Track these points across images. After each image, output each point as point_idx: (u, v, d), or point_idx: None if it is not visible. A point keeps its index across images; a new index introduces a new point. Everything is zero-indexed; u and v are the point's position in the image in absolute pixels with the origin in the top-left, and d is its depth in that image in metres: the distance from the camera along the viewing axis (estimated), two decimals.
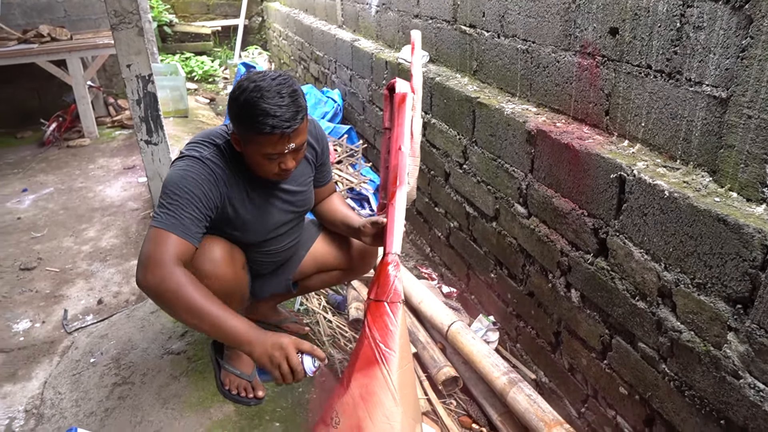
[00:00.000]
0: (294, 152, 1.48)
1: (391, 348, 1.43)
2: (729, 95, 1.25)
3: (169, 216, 1.40)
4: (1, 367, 2.11)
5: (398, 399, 1.39)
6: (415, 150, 1.72)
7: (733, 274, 1.19)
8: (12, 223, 3.29)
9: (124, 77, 2.03)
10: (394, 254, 1.59)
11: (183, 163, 1.49)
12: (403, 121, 1.70)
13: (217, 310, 1.36)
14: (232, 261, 1.61)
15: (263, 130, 1.37)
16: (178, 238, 1.39)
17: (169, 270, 1.34)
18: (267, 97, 1.37)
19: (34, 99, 5.18)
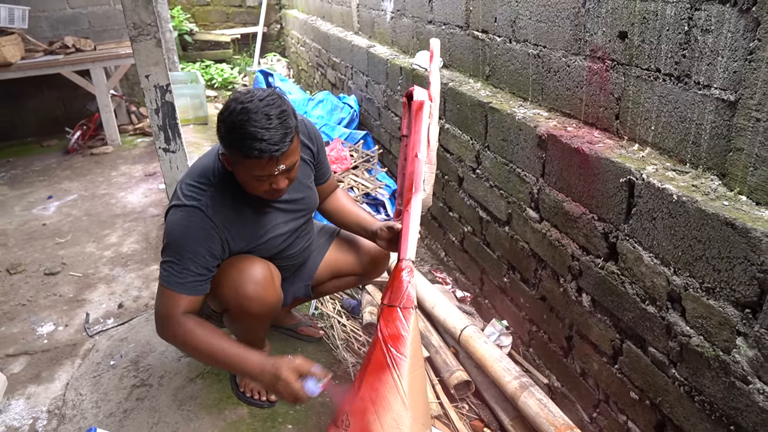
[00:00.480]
0: (285, 173, 1.45)
1: (402, 353, 1.45)
2: (737, 98, 1.24)
3: (174, 275, 1.48)
4: (26, 369, 2.17)
5: (408, 403, 1.40)
6: (432, 158, 1.74)
7: (742, 279, 1.19)
8: (38, 229, 3.38)
9: (142, 87, 2.09)
10: (408, 260, 1.61)
11: (182, 215, 1.49)
12: (420, 128, 1.71)
13: (226, 353, 1.48)
14: (273, 281, 1.63)
15: (251, 154, 1.34)
16: (183, 296, 1.49)
17: (177, 325, 1.48)
18: (254, 120, 1.33)
19: (60, 108, 5.32)
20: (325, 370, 1.49)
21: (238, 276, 1.54)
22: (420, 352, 1.55)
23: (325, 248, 1.93)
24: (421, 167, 1.71)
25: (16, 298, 2.65)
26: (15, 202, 3.83)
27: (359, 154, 3.61)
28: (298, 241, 1.75)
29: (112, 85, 4.81)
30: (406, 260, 1.61)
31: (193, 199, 1.49)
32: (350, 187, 3.32)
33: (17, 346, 2.31)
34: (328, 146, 3.68)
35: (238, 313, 1.61)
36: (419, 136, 1.72)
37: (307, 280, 1.93)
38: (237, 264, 1.56)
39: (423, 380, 1.52)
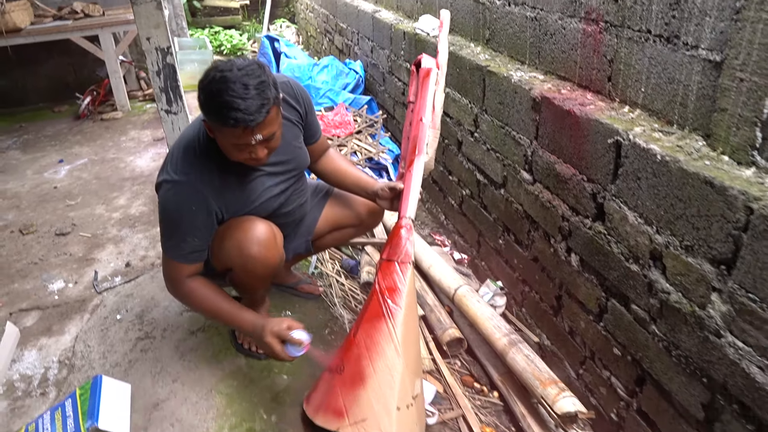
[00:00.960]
0: (263, 142, 1.46)
1: (398, 304, 1.51)
2: (723, 58, 1.25)
3: (173, 248, 1.59)
4: (38, 323, 2.27)
5: (400, 351, 1.47)
6: (436, 123, 1.77)
7: (718, 236, 1.21)
8: (49, 192, 3.47)
9: (144, 50, 2.12)
10: (408, 218, 1.67)
11: (173, 190, 1.53)
12: (426, 94, 1.75)
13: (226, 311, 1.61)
14: (275, 241, 1.69)
15: (227, 123, 1.36)
16: (184, 264, 1.60)
17: (183, 287, 1.62)
18: (232, 89, 1.34)
19: (71, 74, 5.37)
20: (307, 335, 1.55)
21: (242, 237, 1.59)
22: (415, 305, 1.61)
23: (323, 203, 1.99)
24: (426, 131, 1.75)
25: (29, 257, 2.74)
26: (27, 165, 3.91)
27: (363, 119, 3.62)
28: (292, 199, 1.80)
29: (120, 50, 4.84)
30: (406, 218, 1.67)
31: (182, 173, 1.52)
32: (353, 151, 3.35)
33: (30, 301, 2.41)
34: (332, 111, 3.70)
35: (241, 273, 1.67)
36: (425, 101, 1.76)
37: (307, 236, 1.98)
38: (240, 225, 1.61)
39: (416, 332, 1.59)
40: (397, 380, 1.47)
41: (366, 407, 1.44)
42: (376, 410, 1.43)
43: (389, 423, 1.42)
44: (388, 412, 1.43)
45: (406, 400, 1.46)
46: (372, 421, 1.43)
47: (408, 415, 1.46)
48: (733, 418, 1.25)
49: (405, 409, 1.45)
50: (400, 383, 1.47)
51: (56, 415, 1.67)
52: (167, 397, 1.75)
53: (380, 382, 1.46)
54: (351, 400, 1.47)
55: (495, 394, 1.97)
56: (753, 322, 1.15)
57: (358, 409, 1.45)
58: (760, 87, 1.15)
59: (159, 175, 1.58)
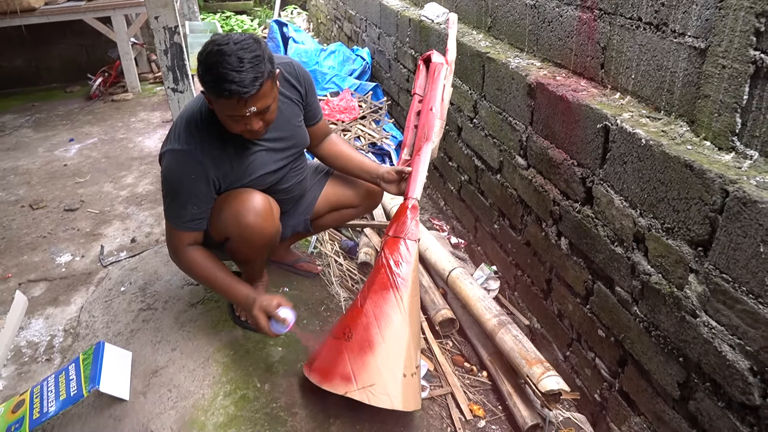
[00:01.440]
0: (258, 115, 1.50)
1: (405, 278, 1.59)
2: (707, 45, 1.28)
3: (174, 214, 1.65)
4: (45, 293, 2.35)
5: (407, 321, 1.54)
6: (443, 114, 1.85)
7: (696, 218, 1.25)
8: (59, 169, 3.54)
9: (152, 28, 2.17)
10: (414, 199, 1.75)
11: (175, 159, 1.59)
12: (436, 86, 1.86)
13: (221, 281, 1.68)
14: (272, 212, 1.74)
15: (222, 94, 1.41)
16: (185, 232, 1.66)
17: (183, 255, 1.69)
18: (227, 62, 1.39)
19: (83, 55, 5.44)
20: (293, 315, 1.62)
21: (240, 206, 1.65)
22: (418, 282, 1.69)
23: (323, 183, 2.04)
24: (434, 120, 1.83)
25: (38, 231, 2.82)
26: (39, 143, 4.00)
27: (368, 104, 3.66)
28: (290, 176, 1.85)
29: (132, 32, 4.90)
30: (412, 199, 1.75)
31: (184, 143, 1.59)
32: (357, 136, 3.40)
33: (38, 273, 2.48)
34: (337, 96, 3.74)
35: (238, 242, 1.73)
36: (435, 93, 1.87)
37: (305, 214, 2.03)
38: (238, 195, 1.67)
39: (419, 307, 1.67)
40: (404, 348, 1.55)
41: (374, 373, 1.51)
42: (384, 375, 1.50)
43: (396, 388, 1.49)
44: (395, 378, 1.50)
45: (410, 369, 1.53)
46: (380, 386, 1.49)
47: (412, 382, 1.53)
48: (706, 396, 1.29)
49: (410, 376, 1.52)
50: (406, 351, 1.54)
51: (60, 378, 1.74)
52: (166, 364, 1.82)
53: (388, 349, 1.53)
54: (359, 366, 1.53)
55: (484, 374, 2.02)
56: (726, 302, 1.19)
57: (366, 374, 1.52)
58: (741, 73, 1.19)
59: (162, 146, 1.65)
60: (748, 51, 1.16)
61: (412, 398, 1.53)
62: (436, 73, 1.90)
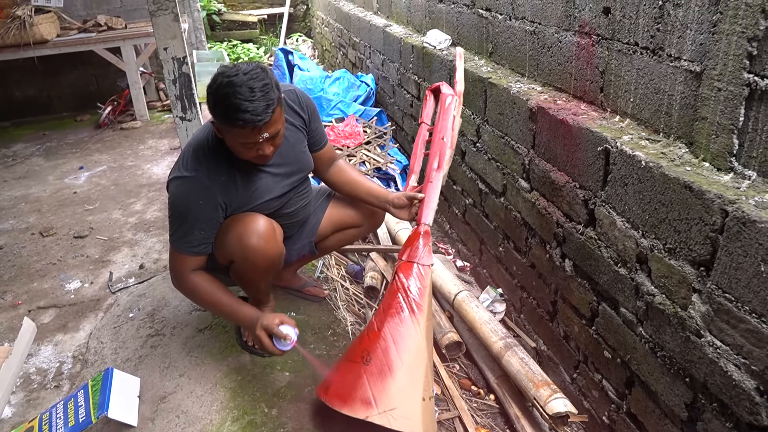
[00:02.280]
0: (269, 140, 1.57)
1: (421, 302, 1.61)
2: (702, 69, 1.31)
3: (180, 239, 1.68)
4: (54, 320, 2.37)
5: (425, 345, 1.56)
6: (453, 143, 1.91)
7: (697, 238, 1.27)
8: (69, 197, 3.60)
9: (161, 59, 2.23)
10: (427, 225, 1.79)
11: (183, 186, 1.65)
12: (447, 117, 1.91)
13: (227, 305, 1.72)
14: (275, 235, 1.78)
15: (236, 123, 1.47)
16: (190, 257, 1.69)
17: (185, 280, 1.72)
18: (238, 93, 1.44)
19: (93, 84, 5.56)
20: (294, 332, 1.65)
21: (242, 229, 1.68)
22: (431, 307, 1.70)
23: (326, 205, 2.07)
24: (446, 149, 1.88)
25: (48, 258, 2.85)
26: (49, 171, 4.06)
27: (373, 130, 3.71)
28: (294, 201, 1.88)
29: (141, 62, 5.00)
30: (425, 224, 1.78)
31: (192, 170, 1.64)
32: (362, 161, 3.44)
33: (47, 299, 2.51)
34: (342, 122, 3.79)
35: (242, 264, 1.75)
36: (446, 123, 1.92)
37: (310, 237, 2.06)
38: (241, 219, 1.71)
39: (432, 331, 1.68)
40: (423, 372, 1.57)
41: (395, 396, 1.52)
42: (404, 399, 1.52)
43: (416, 411, 1.50)
44: (415, 402, 1.52)
45: (428, 392, 1.55)
46: (401, 409, 1.50)
47: (430, 406, 1.55)
48: (714, 417, 1.29)
49: (428, 400, 1.54)
50: (425, 375, 1.56)
51: (69, 405, 1.76)
52: (174, 390, 1.83)
53: (409, 372, 1.55)
54: (380, 390, 1.54)
55: (491, 397, 2.01)
56: (729, 321, 1.20)
57: (387, 398, 1.52)
58: (736, 96, 1.21)
59: (170, 173, 1.70)
60: (742, 74, 1.19)
61: (430, 422, 1.54)
62: (446, 104, 1.97)
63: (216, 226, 1.70)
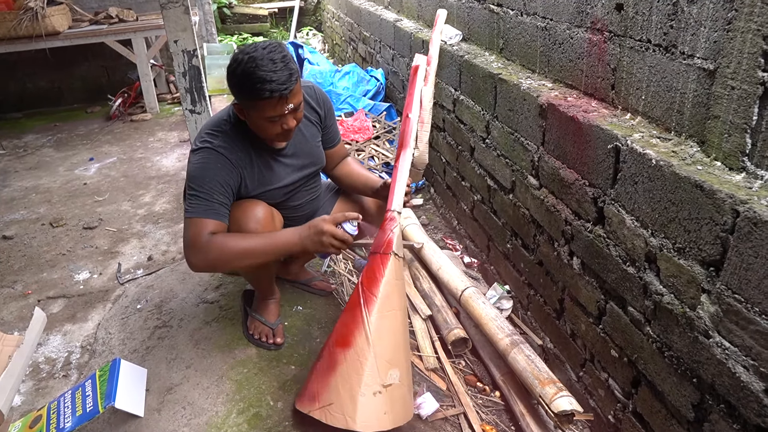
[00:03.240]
0: (293, 112, 1.60)
1: (374, 293, 1.57)
2: (716, 67, 1.29)
3: (199, 203, 1.61)
4: (63, 310, 2.39)
5: (371, 339, 1.52)
6: (424, 117, 1.82)
7: (707, 238, 1.25)
8: (79, 188, 3.62)
9: (171, 51, 2.23)
10: (393, 211, 1.73)
11: (200, 156, 1.65)
12: (413, 91, 1.82)
13: (262, 240, 1.62)
14: (273, 221, 1.78)
15: (263, 95, 1.50)
16: (210, 219, 1.61)
17: (206, 244, 1.58)
18: (261, 65, 1.49)
19: (104, 76, 5.59)
20: (354, 214, 1.65)
21: (240, 215, 1.69)
22: (396, 295, 1.64)
23: (334, 200, 2.08)
24: (412, 126, 1.81)
25: (57, 249, 2.88)
26: (60, 163, 4.09)
27: (382, 124, 3.71)
28: (302, 194, 1.88)
29: (152, 54, 5.02)
30: (391, 211, 1.74)
31: (209, 141, 1.66)
32: (371, 156, 3.43)
33: (57, 289, 2.53)
34: (351, 116, 3.79)
35: None
36: (412, 97, 1.83)
37: None
38: (241, 204, 1.72)
39: (397, 321, 1.62)
40: (366, 368, 1.51)
41: (333, 392, 1.51)
42: (341, 395, 1.49)
43: (352, 408, 1.47)
44: (352, 398, 1.48)
45: (373, 388, 1.50)
46: (337, 405, 1.49)
47: (374, 401, 1.49)
48: (721, 418, 1.28)
49: (371, 396, 1.49)
50: (369, 371, 1.51)
51: (77, 394, 1.77)
52: (180, 381, 1.84)
53: (348, 368, 1.52)
54: (323, 386, 1.54)
55: (497, 394, 2.01)
56: (738, 322, 1.19)
57: (327, 393, 1.52)
58: (750, 95, 1.20)
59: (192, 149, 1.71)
60: (757, 72, 1.17)
61: (375, 417, 1.48)
62: (414, 75, 1.87)
63: (232, 195, 1.68)
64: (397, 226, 1.68)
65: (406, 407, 1.57)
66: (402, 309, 1.64)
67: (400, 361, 1.56)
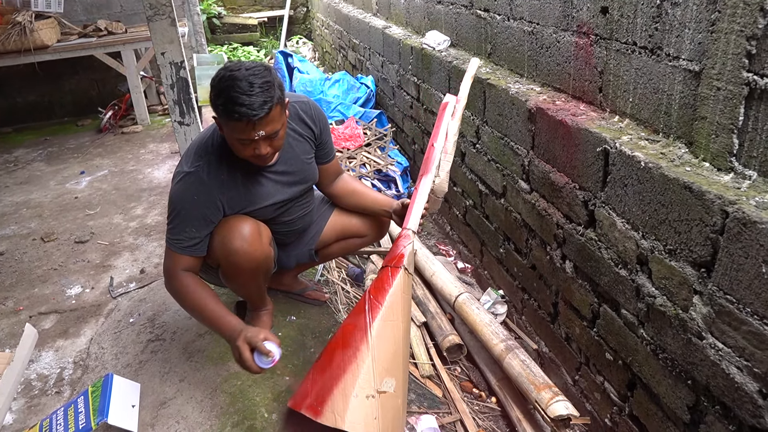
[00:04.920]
0: (266, 140, 1.55)
1: (380, 302, 1.58)
2: (701, 68, 1.30)
3: (176, 237, 1.65)
4: (56, 326, 2.36)
5: (372, 344, 1.52)
6: (448, 148, 1.87)
7: (698, 239, 1.25)
8: (70, 202, 3.60)
9: (158, 64, 2.23)
10: (409, 230, 1.76)
11: (183, 181, 1.64)
12: (440, 123, 1.88)
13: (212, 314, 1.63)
14: (260, 237, 1.76)
15: (232, 116, 1.47)
16: (184, 256, 1.65)
17: (175, 279, 1.66)
18: (238, 86, 1.46)
19: (94, 89, 5.57)
20: (278, 350, 1.54)
21: (226, 232, 1.68)
22: (402, 307, 1.65)
23: (329, 213, 2.06)
24: (436, 155, 1.86)
25: (49, 263, 2.85)
26: (50, 177, 4.07)
27: (373, 132, 3.71)
28: (294, 210, 1.87)
29: (141, 66, 5.01)
30: (407, 230, 1.77)
31: (192, 165, 1.65)
32: (362, 163, 3.43)
33: (48, 305, 2.51)
34: (342, 124, 3.79)
35: (226, 268, 1.75)
36: (440, 129, 1.90)
37: (310, 245, 2.05)
38: (227, 221, 1.71)
39: (399, 331, 1.62)
40: (362, 370, 1.51)
41: (327, 390, 1.50)
42: (334, 393, 1.49)
43: (343, 406, 1.46)
44: (345, 397, 1.47)
45: (367, 390, 1.49)
46: (329, 403, 1.48)
47: (366, 404, 1.48)
48: (716, 419, 1.27)
49: (363, 398, 1.47)
50: (364, 373, 1.51)
51: (69, 411, 1.75)
52: (174, 395, 1.82)
53: (345, 368, 1.52)
54: (317, 383, 1.55)
55: (493, 400, 2.00)
56: (731, 323, 1.19)
57: (321, 391, 1.52)
58: (735, 95, 1.20)
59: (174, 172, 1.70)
60: (742, 73, 1.18)
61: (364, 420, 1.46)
62: (443, 110, 1.95)
63: (210, 225, 1.69)
64: (410, 244, 1.73)
65: (396, 422, 1.55)
66: (405, 322, 1.65)
67: (397, 372, 1.56)
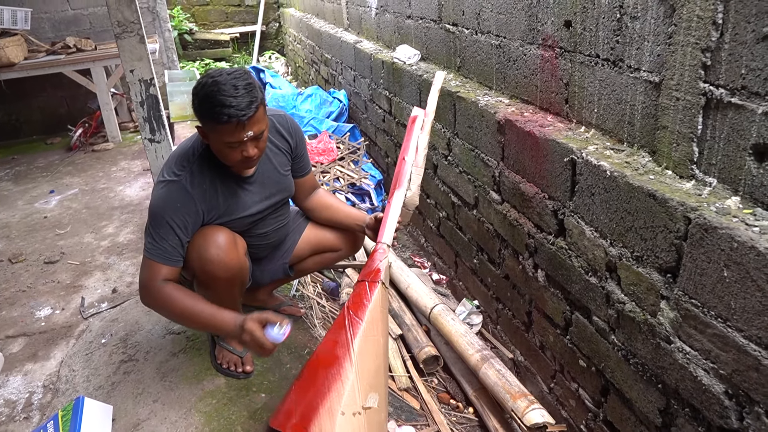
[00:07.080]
0: (253, 140, 1.59)
1: (360, 317, 1.58)
2: (661, 79, 1.34)
3: (155, 246, 1.63)
4: (24, 349, 2.31)
5: (354, 361, 1.52)
6: (419, 161, 1.89)
7: (663, 246, 1.28)
8: (39, 222, 3.53)
9: (128, 81, 2.21)
10: (383, 243, 1.77)
11: (162, 191, 1.64)
12: (411, 137, 1.89)
13: (204, 312, 1.60)
14: (235, 247, 1.76)
15: (221, 119, 1.50)
16: (164, 265, 1.63)
17: (157, 291, 1.62)
18: (223, 90, 1.49)
19: (63, 107, 5.48)
20: (285, 318, 1.58)
21: (202, 242, 1.67)
22: (381, 322, 1.66)
23: (303, 227, 2.06)
24: (408, 168, 1.87)
25: (17, 285, 2.78)
26: (18, 196, 3.98)
27: (346, 146, 3.72)
28: (269, 222, 1.87)
29: (112, 83, 4.95)
30: (381, 243, 1.77)
31: (174, 174, 1.64)
32: (336, 177, 3.43)
33: (16, 328, 2.44)
34: (315, 138, 3.79)
35: (202, 277, 1.73)
36: (410, 143, 1.90)
37: (284, 259, 2.04)
38: (203, 231, 1.70)
39: (380, 346, 1.63)
40: (347, 387, 1.51)
41: (312, 409, 1.49)
42: (320, 412, 1.48)
43: (330, 425, 1.45)
44: (332, 415, 1.47)
45: (353, 408, 1.49)
46: (316, 422, 1.47)
47: (353, 421, 1.48)
48: (686, 422, 1.30)
49: (350, 415, 1.47)
50: (349, 390, 1.50)
51: None
52: (148, 417, 1.79)
53: (329, 386, 1.51)
54: (300, 402, 1.54)
55: (470, 410, 2.01)
56: (697, 327, 1.22)
57: (306, 411, 1.50)
58: (693, 105, 1.24)
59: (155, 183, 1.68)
60: (698, 83, 1.22)
61: None
62: (412, 123, 1.96)
63: (190, 235, 1.68)
64: (386, 258, 1.73)
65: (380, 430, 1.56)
66: (384, 337, 1.66)
67: (379, 387, 1.57)
